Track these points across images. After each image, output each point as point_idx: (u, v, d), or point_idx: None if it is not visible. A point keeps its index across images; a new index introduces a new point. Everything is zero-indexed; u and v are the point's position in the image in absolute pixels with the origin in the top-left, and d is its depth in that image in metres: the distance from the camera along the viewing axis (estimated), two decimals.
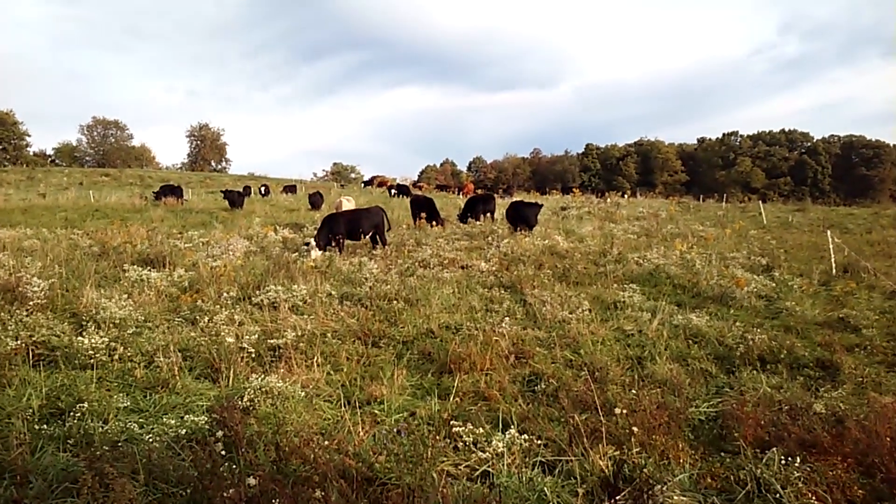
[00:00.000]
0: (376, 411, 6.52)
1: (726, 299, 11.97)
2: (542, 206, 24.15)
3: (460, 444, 5.53)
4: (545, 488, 4.84)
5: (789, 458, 5.03)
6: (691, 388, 7.31)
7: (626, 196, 46.82)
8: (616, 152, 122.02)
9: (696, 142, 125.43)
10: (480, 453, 5.31)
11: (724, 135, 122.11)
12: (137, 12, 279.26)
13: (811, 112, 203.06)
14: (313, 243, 16.47)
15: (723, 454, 5.67)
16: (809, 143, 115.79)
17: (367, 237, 18.08)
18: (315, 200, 35.13)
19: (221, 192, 36.64)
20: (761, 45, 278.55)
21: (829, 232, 17.64)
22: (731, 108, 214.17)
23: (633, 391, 6.85)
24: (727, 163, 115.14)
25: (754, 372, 7.81)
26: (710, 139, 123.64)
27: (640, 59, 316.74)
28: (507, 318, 9.51)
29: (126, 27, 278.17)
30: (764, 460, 5.17)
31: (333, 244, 17.02)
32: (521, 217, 22.22)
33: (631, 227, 24.26)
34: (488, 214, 25.40)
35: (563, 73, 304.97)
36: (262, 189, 49.75)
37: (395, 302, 10.71)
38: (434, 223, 23.06)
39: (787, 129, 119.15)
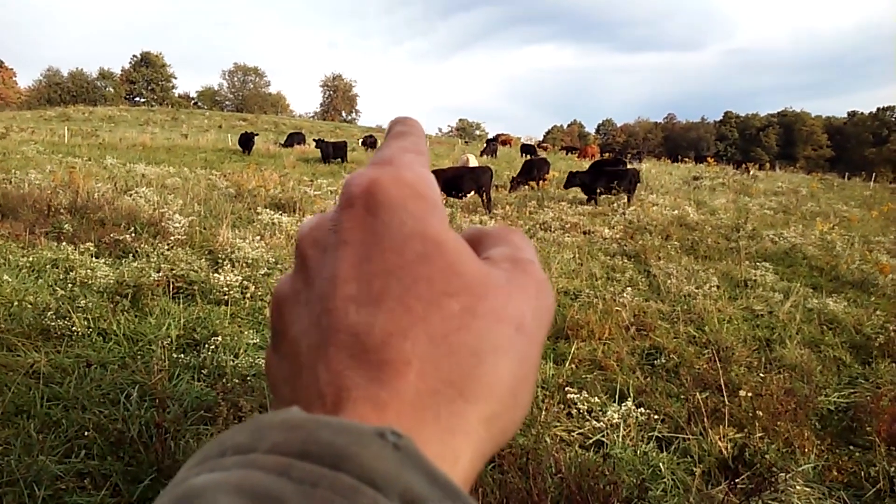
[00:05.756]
0: None
1: (867, 286, 11.19)
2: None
3: (574, 412, 5.49)
4: (660, 464, 4.74)
5: None
6: (822, 375, 6.91)
7: (763, 169, 44.19)
8: (757, 122, 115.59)
9: (846, 115, 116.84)
10: (595, 422, 5.25)
11: (878, 109, 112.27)
12: None
13: None
14: None
15: (851, 448, 5.34)
16: None
17: (469, 196, 17.82)
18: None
19: (314, 140, 31.92)
20: None
21: None
22: (889, 81, 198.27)
23: (760, 374, 6.56)
24: (879, 139, 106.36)
25: (893, 365, 7.29)
26: (862, 113, 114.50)
27: (794, 22, 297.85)
28: (628, 288, 9.29)
29: None
30: None
31: None
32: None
33: (767, 202, 22.99)
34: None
35: (709, 36, 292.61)
36: (364, 140, 40.31)
37: None
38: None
39: None
